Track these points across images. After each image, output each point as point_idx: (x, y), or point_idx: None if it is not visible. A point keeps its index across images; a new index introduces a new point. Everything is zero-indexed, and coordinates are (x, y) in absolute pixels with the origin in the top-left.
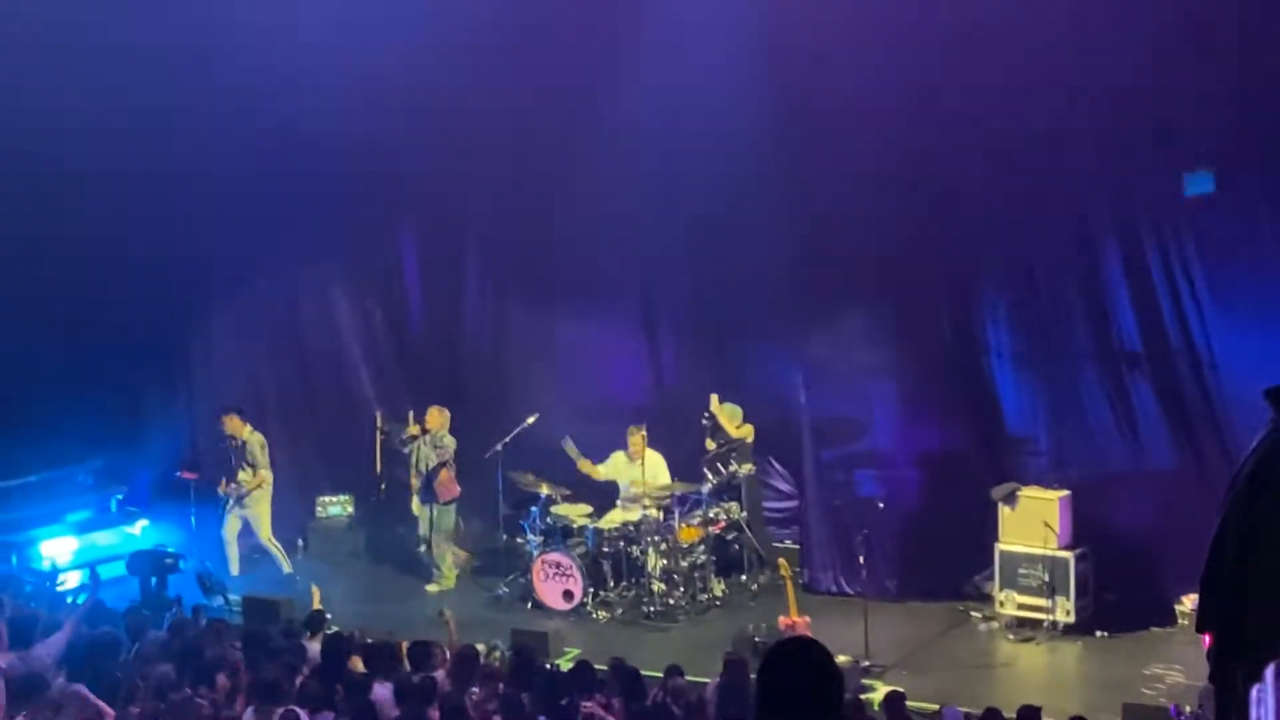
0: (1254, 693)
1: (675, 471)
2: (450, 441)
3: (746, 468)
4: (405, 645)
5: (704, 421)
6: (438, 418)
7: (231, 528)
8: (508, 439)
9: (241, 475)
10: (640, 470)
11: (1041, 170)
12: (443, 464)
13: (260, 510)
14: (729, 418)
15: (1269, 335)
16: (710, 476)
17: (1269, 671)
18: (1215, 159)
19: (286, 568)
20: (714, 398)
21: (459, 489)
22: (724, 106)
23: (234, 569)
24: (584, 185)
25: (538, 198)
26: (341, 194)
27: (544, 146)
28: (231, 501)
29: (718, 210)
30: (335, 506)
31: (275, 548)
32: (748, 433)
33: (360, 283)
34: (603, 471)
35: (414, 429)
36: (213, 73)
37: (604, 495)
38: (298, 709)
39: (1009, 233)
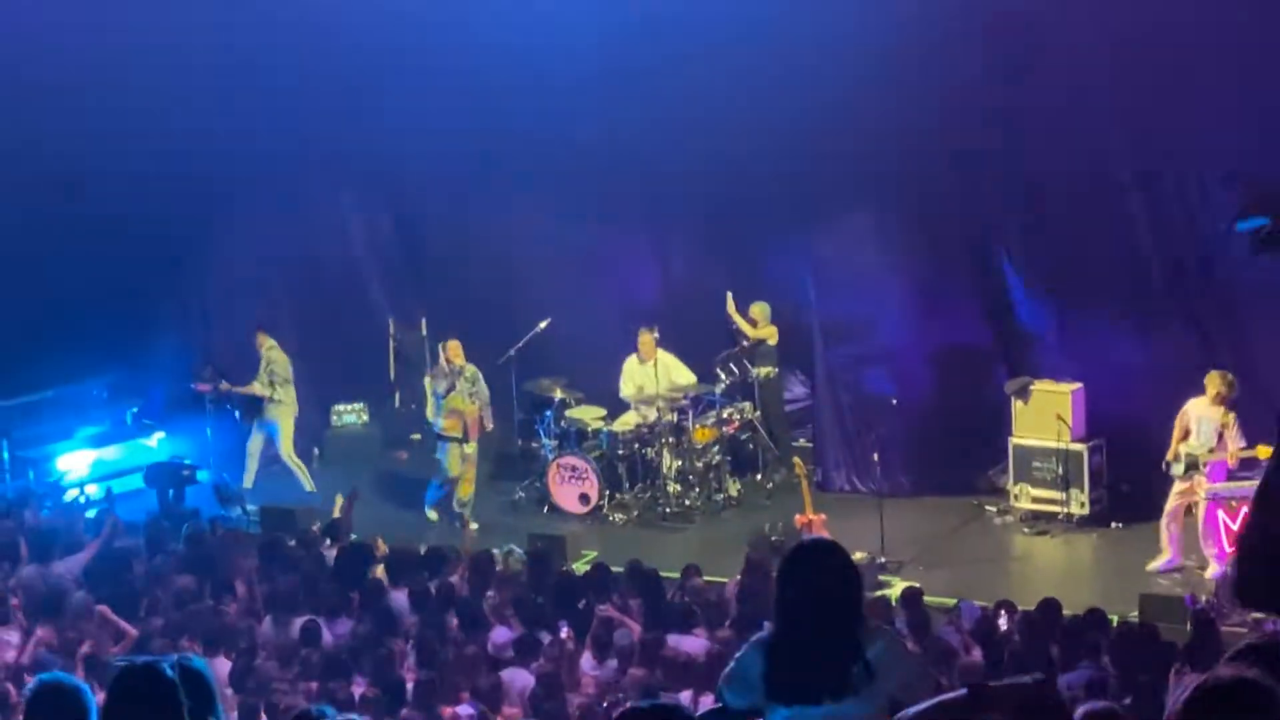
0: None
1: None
2: (484, 387)
3: (768, 370)
4: (421, 551)
5: (732, 321)
6: (459, 350)
7: (256, 442)
8: (520, 344)
9: (256, 385)
10: (653, 370)
11: (1052, 84)
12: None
13: (283, 426)
14: (759, 314)
15: None
16: (723, 376)
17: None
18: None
19: (309, 486)
20: (729, 296)
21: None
22: (727, 14)
23: (248, 481)
24: (592, 89)
25: (543, 104)
26: (348, 102)
27: (554, 51)
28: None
29: (726, 110)
30: (350, 415)
31: (297, 465)
32: (771, 333)
33: (369, 189)
34: (628, 380)
35: (444, 366)
36: None
37: (619, 398)
38: (316, 617)
39: (1016, 131)
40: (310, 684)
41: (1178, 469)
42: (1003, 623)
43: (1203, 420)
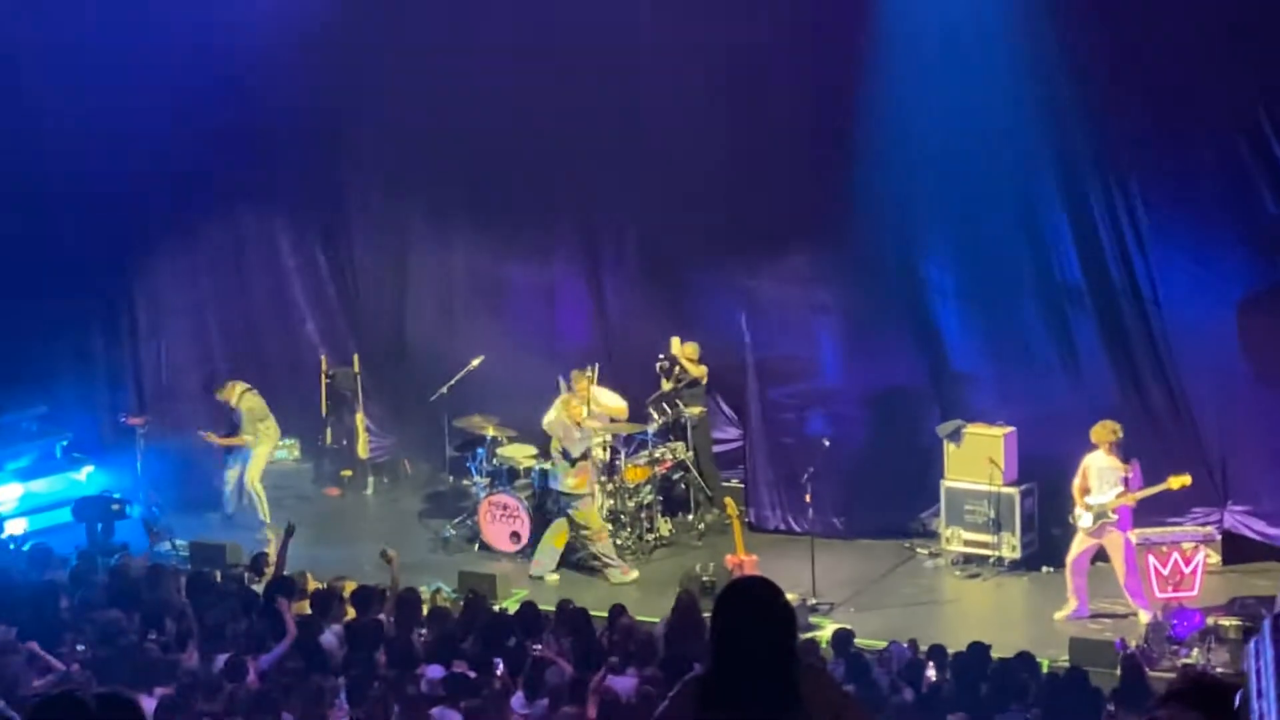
0: (1251, 645)
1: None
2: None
3: (698, 410)
4: (348, 588)
5: (659, 363)
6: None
7: (234, 472)
8: (453, 381)
9: (245, 436)
10: (585, 409)
11: (985, 108)
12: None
13: (258, 454)
14: (691, 354)
15: (1208, 272)
16: (656, 416)
17: (1266, 624)
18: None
19: (264, 515)
20: (675, 340)
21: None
22: (667, 46)
23: (263, 514)
24: (527, 129)
25: (478, 141)
26: (285, 139)
27: (487, 90)
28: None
29: (662, 151)
30: (282, 451)
31: (258, 492)
32: (703, 373)
33: (304, 227)
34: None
35: (575, 429)
36: (152, 16)
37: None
38: (243, 653)
39: (952, 171)
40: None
41: (1085, 522)
42: (931, 673)
43: (1104, 472)
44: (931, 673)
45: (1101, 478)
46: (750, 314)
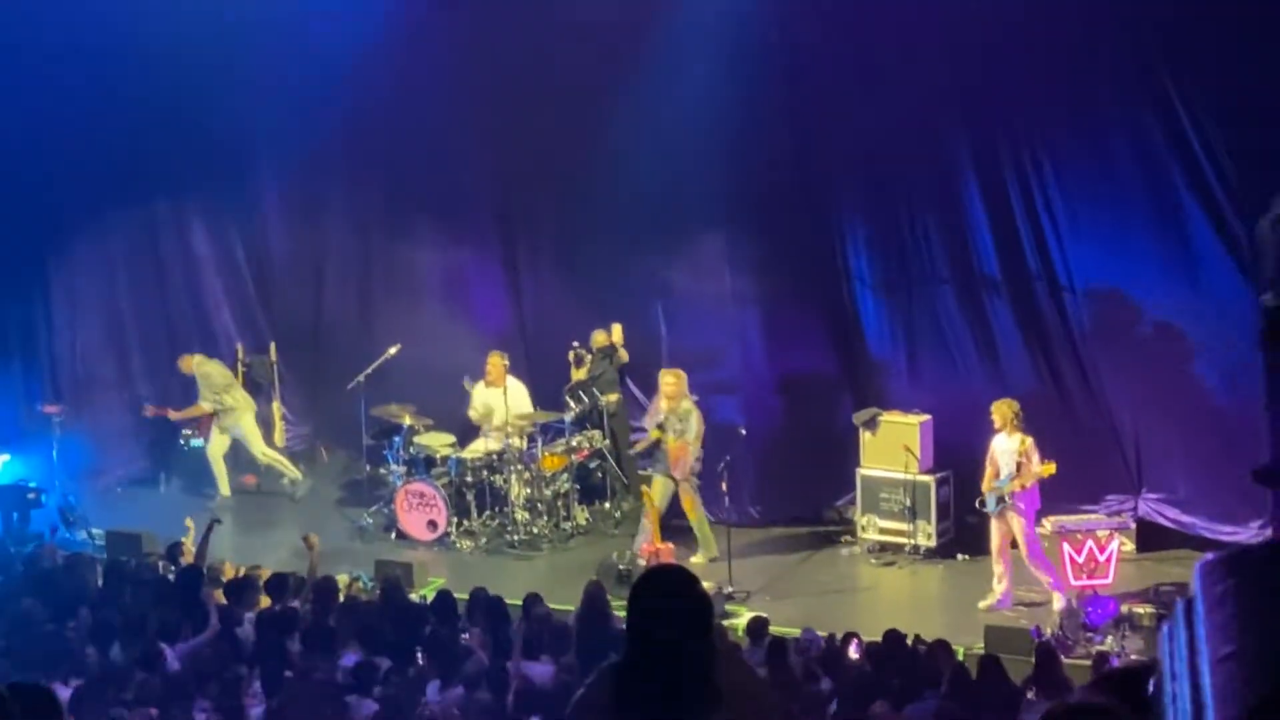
0: (1164, 629)
1: (538, 401)
2: (696, 423)
3: (614, 398)
4: (264, 576)
5: (572, 351)
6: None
7: (217, 446)
8: (370, 369)
9: (202, 404)
10: (501, 397)
11: (899, 95)
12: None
13: (246, 427)
14: (617, 337)
15: (1124, 259)
16: (573, 405)
17: (1179, 607)
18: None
19: (295, 475)
20: (605, 330)
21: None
22: (587, 27)
23: (224, 489)
24: (443, 114)
25: (399, 127)
26: (199, 126)
27: (416, 80)
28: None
29: (576, 139)
30: (198, 439)
31: (276, 460)
32: (624, 356)
33: (220, 216)
34: (476, 403)
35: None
36: (64, 9)
37: (467, 425)
38: (158, 641)
39: (868, 158)
40: (151, 709)
41: (991, 505)
42: (853, 651)
43: (1004, 454)
44: (854, 653)
45: (1003, 460)
46: (666, 304)
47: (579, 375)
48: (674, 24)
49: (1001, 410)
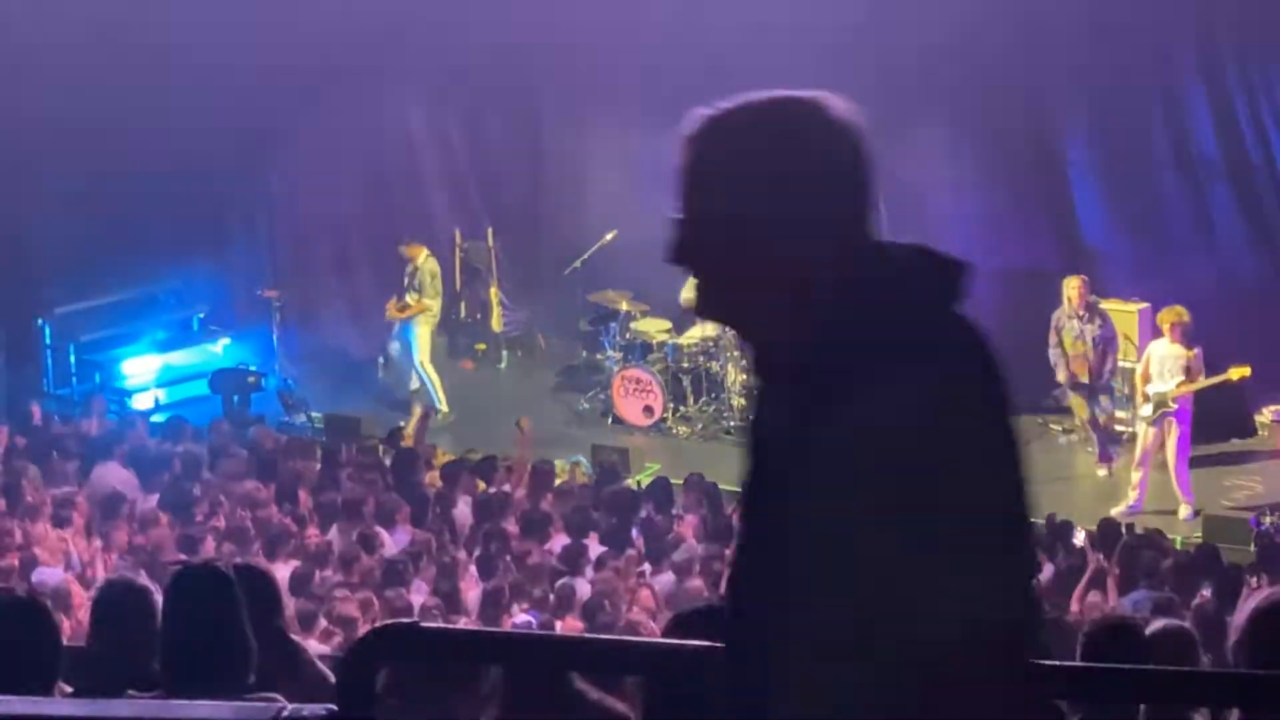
0: None
1: None
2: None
3: None
4: (478, 460)
5: None
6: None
7: (393, 347)
8: (586, 255)
9: (409, 298)
10: None
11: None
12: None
13: (421, 335)
14: None
15: None
16: None
17: None
18: None
19: (441, 399)
20: None
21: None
22: None
23: (439, 399)
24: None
25: (601, 15)
26: (418, 12)
27: None
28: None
29: None
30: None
31: (432, 376)
32: None
33: (436, 100)
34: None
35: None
36: None
37: (685, 311)
38: (376, 525)
39: (1088, 50)
40: (368, 592)
41: (1145, 411)
42: (1079, 539)
43: (1165, 360)
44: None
45: (1163, 365)
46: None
47: None
48: None
49: (1166, 315)
